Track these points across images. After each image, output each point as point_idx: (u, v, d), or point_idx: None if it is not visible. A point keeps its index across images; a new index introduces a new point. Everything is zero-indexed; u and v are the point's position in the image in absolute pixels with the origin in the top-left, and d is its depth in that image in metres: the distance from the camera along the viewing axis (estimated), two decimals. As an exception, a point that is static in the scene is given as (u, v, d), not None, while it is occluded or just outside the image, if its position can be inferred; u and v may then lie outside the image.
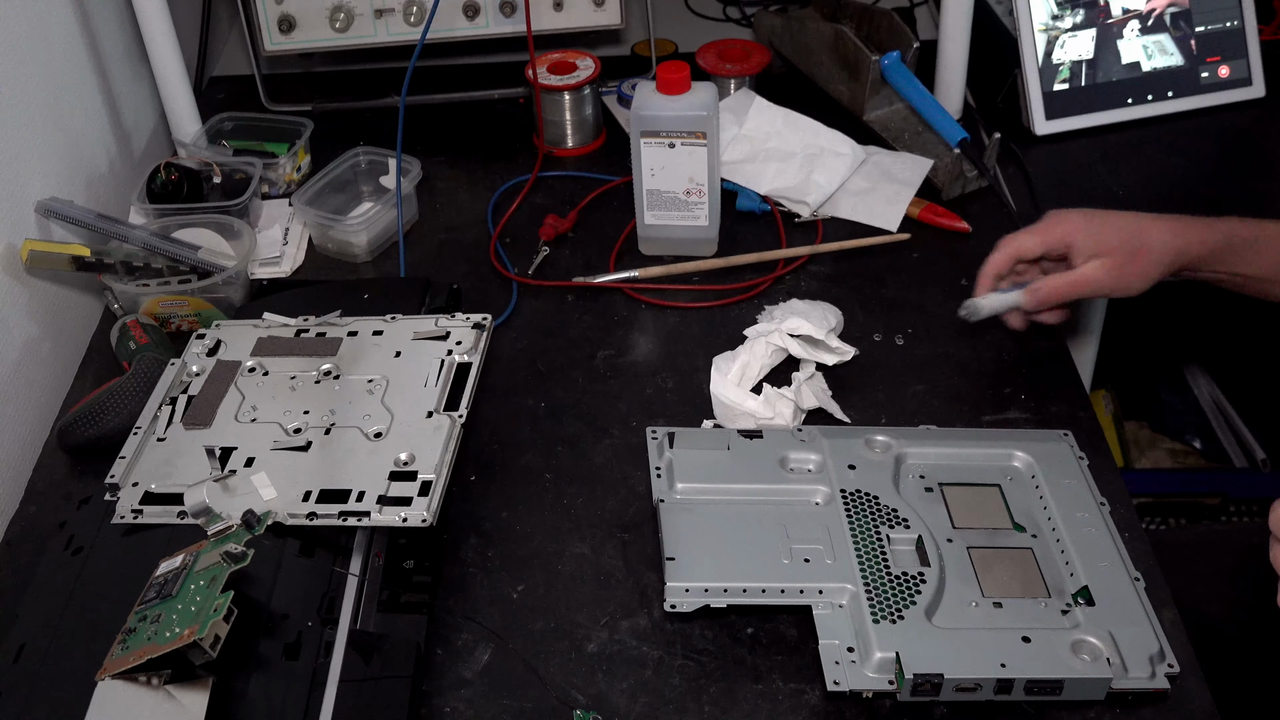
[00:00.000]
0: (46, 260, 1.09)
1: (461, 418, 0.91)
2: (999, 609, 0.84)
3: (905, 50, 1.32)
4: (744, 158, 1.30)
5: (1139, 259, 1.00)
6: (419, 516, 0.83)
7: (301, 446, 0.90)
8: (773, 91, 1.37)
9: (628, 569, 0.92)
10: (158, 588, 0.77)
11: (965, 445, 0.98)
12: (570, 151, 1.40)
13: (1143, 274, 1.01)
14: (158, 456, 0.91)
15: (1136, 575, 0.87)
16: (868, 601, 0.84)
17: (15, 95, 1.09)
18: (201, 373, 0.98)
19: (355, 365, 0.97)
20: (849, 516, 0.90)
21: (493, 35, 1.40)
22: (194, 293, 1.12)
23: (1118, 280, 1.01)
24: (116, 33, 1.34)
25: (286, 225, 1.28)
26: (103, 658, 0.74)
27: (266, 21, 1.37)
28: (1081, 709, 0.81)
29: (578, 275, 1.20)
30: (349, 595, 0.83)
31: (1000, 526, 0.91)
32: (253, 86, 1.45)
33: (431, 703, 0.83)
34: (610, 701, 0.83)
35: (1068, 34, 1.33)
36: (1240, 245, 1.02)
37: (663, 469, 0.95)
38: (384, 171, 1.28)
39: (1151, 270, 1.01)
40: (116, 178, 1.30)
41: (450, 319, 1.01)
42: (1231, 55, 1.37)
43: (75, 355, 1.16)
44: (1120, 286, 1.02)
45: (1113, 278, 1.01)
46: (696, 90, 1.14)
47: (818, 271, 1.19)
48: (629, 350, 1.13)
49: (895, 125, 1.35)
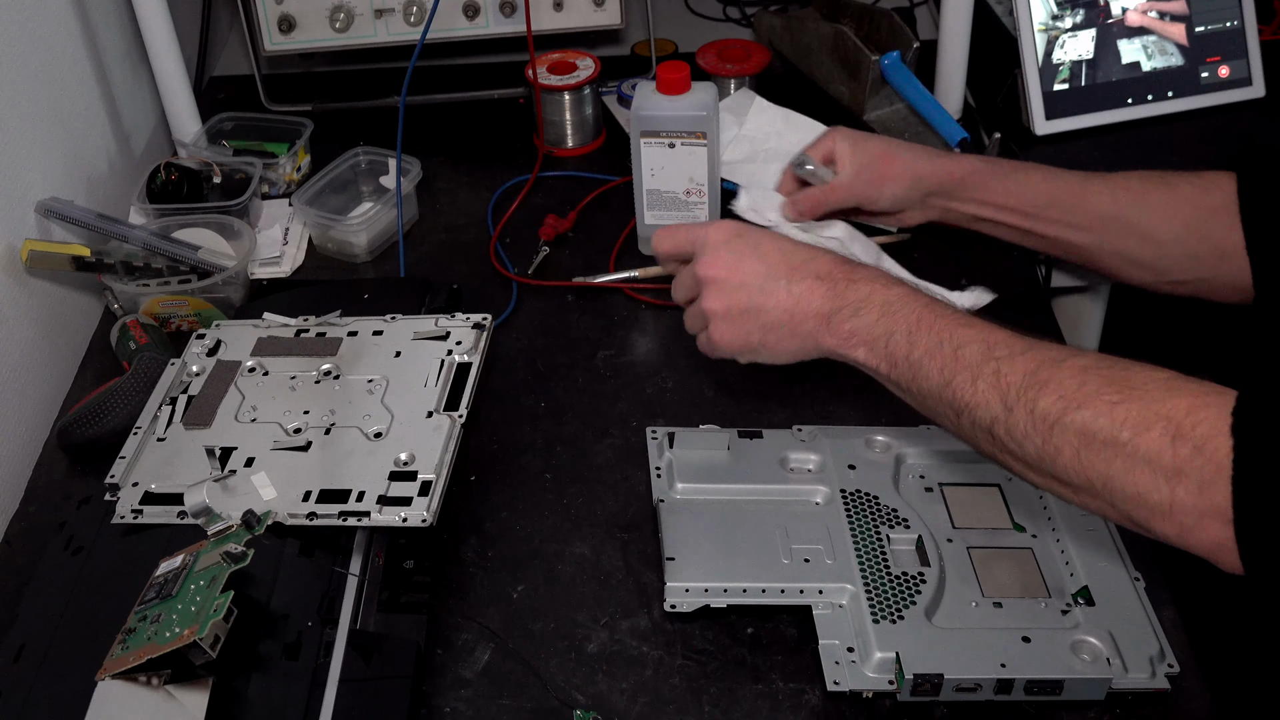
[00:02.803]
0: (46, 260, 1.09)
1: (461, 418, 0.91)
2: (999, 609, 0.84)
3: (905, 50, 1.32)
4: (744, 158, 1.30)
5: (888, 167, 1.05)
6: (419, 516, 0.83)
7: (301, 446, 0.90)
8: (773, 91, 1.37)
9: (628, 569, 0.92)
10: (158, 588, 0.77)
11: (965, 445, 0.97)
12: (570, 151, 1.40)
13: (892, 179, 1.05)
14: (158, 456, 0.91)
15: (1136, 575, 0.87)
16: (868, 601, 0.84)
17: (15, 95, 1.09)
18: (201, 373, 0.98)
19: (355, 365, 0.97)
20: (849, 516, 0.90)
21: (493, 35, 1.40)
22: (194, 293, 1.12)
23: (867, 184, 1.05)
24: (116, 33, 1.34)
25: (286, 225, 1.28)
26: (103, 658, 0.74)
27: (266, 21, 1.37)
28: (1081, 709, 0.81)
29: (578, 275, 1.20)
30: (349, 595, 0.83)
31: (1000, 526, 0.91)
32: (253, 86, 1.45)
33: (431, 703, 0.83)
34: (610, 701, 0.83)
35: (1068, 34, 1.33)
36: (998, 170, 1.06)
37: (663, 469, 0.95)
38: (384, 171, 1.28)
39: (901, 179, 1.05)
40: (116, 178, 1.30)
41: (450, 319, 1.01)
42: (1231, 55, 1.37)
43: (75, 355, 1.16)
44: (869, 192, 1.06)
45: (860, 182, 1.05)
46: (696, 90, 1.14)
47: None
48: (629, 350, 1.13)
49: (895, 125, 1.35)
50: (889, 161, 1.06)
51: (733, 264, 0.85)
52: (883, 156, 1.06)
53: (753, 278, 0.84)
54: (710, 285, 0.86)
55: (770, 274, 0.84)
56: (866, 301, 0.81)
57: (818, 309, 0.82)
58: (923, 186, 1.06)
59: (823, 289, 0.82)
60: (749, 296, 0.84)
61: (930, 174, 1.06)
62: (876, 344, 0.79)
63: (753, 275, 0.84)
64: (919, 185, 1.06)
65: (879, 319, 0.80)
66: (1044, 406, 0.70)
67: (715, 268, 0.85)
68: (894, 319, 0.79)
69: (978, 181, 1.05)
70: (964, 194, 1.06)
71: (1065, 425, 0.69)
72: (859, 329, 0.80)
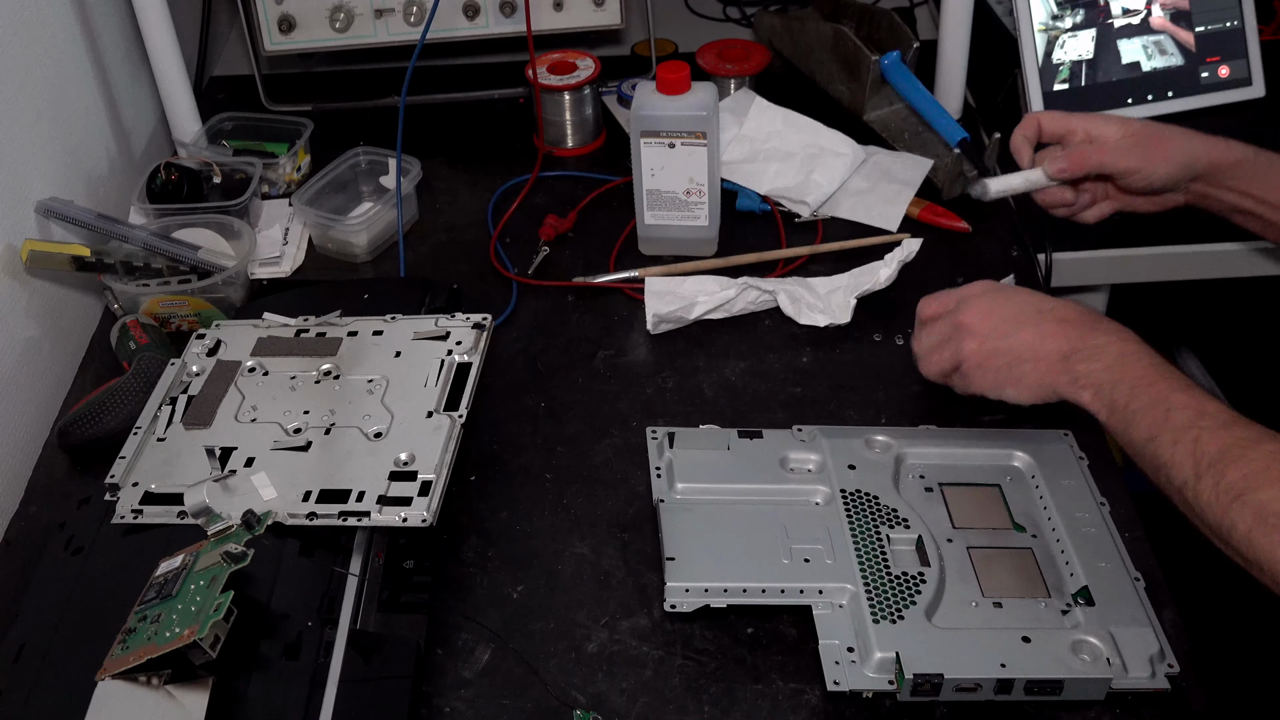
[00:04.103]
0: (46, 260, 1.09)
1: (461, 418, 0.91)
2: (999, 609, 0.84)
3: (905, 50, 1.32)
4: (744, 158, 1.30)
5: (1163, 144, 1.03)
6: (419, 516, 0.83)
7: (301, 446, 0.90)
8: (773, 91, 1.37)
9: (628, 569, 0.92)
10: (158, 588, 0.77)
11: (965, 445, 0.98)
12: (570, 151, 1.40)
13: (1166, 158, 1.03)
14: (158, 456, 0.91)
15: (1136, 575, 0.87)
16: (868, 601, 0.84)
17: (15, 95, 1.09)
18: (201, 373, 0.98)
19: (355, 365, 0.97)
20: (849, 516, 0.90)
21: (493, 35, 1.40)
22: (194, 293, 1.12)
23: (1142, 157, 1.03)
24: (116, 33, 1.34)
25: (286, 225, 1.28)
26: (103, 658, 0.74)
27: (266, 21, 1.37)
28: (1081, 709, 0.81)
29: (578, 275, 1.20)
30: (349, 595, 0.83)
31: (1000, 526, 0.91)
32: (253, 86, 1.45)
33: (431, 703, 0.83)
34: (610, 701, 0.83)
35: (1068, 34, 1.33)
36: (1266, 164, 1.04)
37: (663, 469, 0.95)
38: (384, 171, 1.28)
39: (1176, 157, 1.03)
40: (116, 178, 1.30)
41: (450, 319, 1.01)
42: (1231, 55, 1.37)
43: (75, 355, 1.16)
44: (1142, 164, 1.03)
45: (1136, 153, 1.03)
46: (696, 90, 1.14)
47: (818, 271, 1.19)
48: (629, 350, 1.13)
49: (895, 125, 1.35)
50: (1162, 139, 1.03)
51: (988, 310, 0.91)
52: (1155, 134, 1.04)
53: (1005, 322, 0.90)
54: (968, 330, 0.91)
55: (1019, 319, 0.90)
56: (1103, 350, 0.85)
57: (1058, 349, 0.87)
58: (1194, 169, 1.04)
59: (1065, 332, 0.87)
60: (1001, 338, 0.90)
61: (1204, 156, 1.03)
62: (1102, 390, 0.84)
63: (1005, 320, 0.90)
64: (1190, 167, 1.03)
65: (1110, 367, 0.84)
66: (1229, 480, 0.73)
67: (973, 315, 0.92)
68: (1123, 370, 0.83)
69: (1247, 171, 1.04)
70: (1230, 182, 1.04)
71: (1245, 502, 0.72)
72: (1091, 373, 0.85)
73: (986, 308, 0.92)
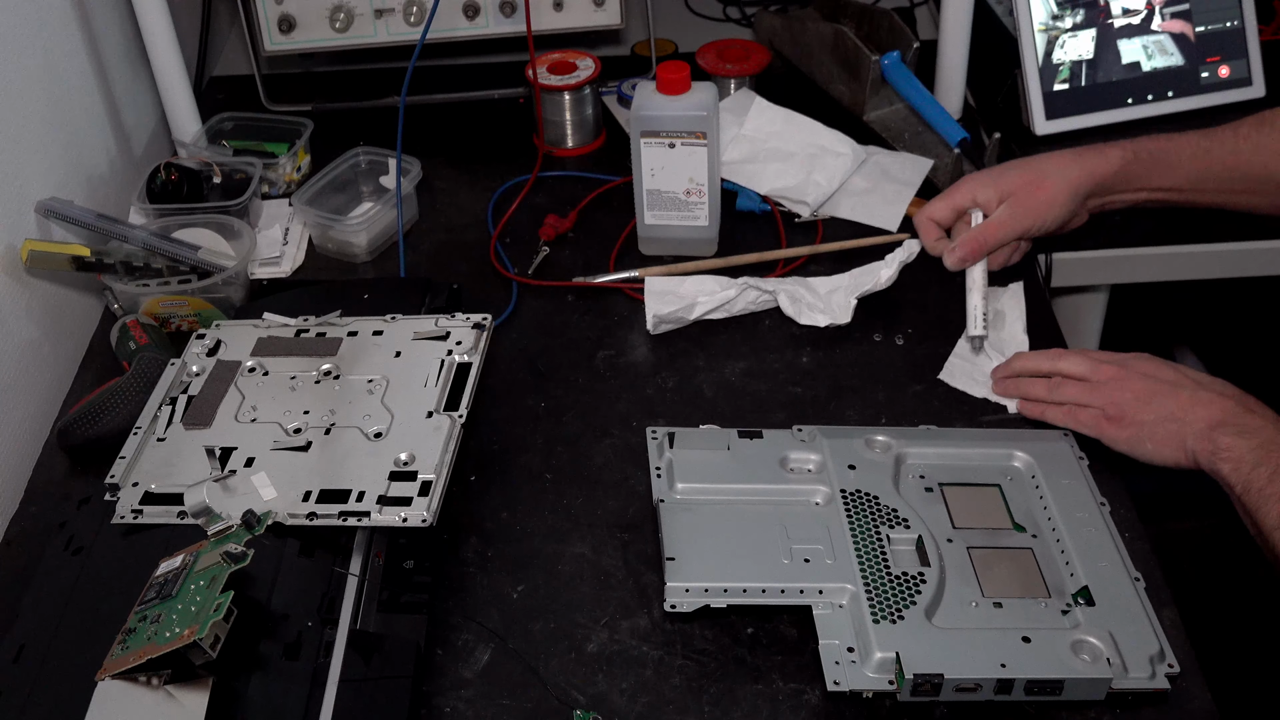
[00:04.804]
0: (46, 260, 1.09)
1: (461, 418, 0.91)
2: (999, 609, 0.84)
3: (905, 50, 1.32)
4: (744, 158, 1.30)
5: (1041, 191, 1.05)
6: (419, 516, 0.83)
7: (301, 446, 0.90)
8: (773, 91, 1.37)
9: (628, 569, 0.92)
10: (158, 588, 0.77)
11: (965, 445, 0.98)
12: (570, 151, 1.40)
13: (1050, 203, 1.04)
14: (158, 456, 0.91)
15: (1136, 575, 0.87)
16: (868, 601, 0.84)
17: (15, 95, 1.09)
18: (201, 373, 0.98)
19: (355, 365, 0.97)
20: (849, 516, 0.90)
21: (493, 35, 1.40)
22: (194, 293, 1.12)
23: (1026, 215, 1.05)
24: (116, 33, 1.34)
25: (286, 225, 1.28)
26: (103, 658, 0.74)
27: (266, 21, 1.37)
28: (1081, 709, 0.81)
29: (578, 275, 1.20)
30: (349, 595, 0.83)
31: (1000, 526, 0.91)
32: (253, 86, 1.45)
33: (431, 703, 0.83)
34: (610, 701, 0.83)
35: (1068, 34, 1.33)
36: (1148, 159, 1.06)
37: (663, 469, 0.95)
38: (384, 171, 1.28)
39: (1059, 198, 1.04)
40: (116, 178, 1.30)
41: (450, 319, 1.01)
42: (1231, 55, 1.37)
43: (75, 355, 1.16)
44: (1031, 222, 1.05)
45: (1020, 214, 1.05)
46: (696, 90, 1.14)
47: (818, 271, 1.19)
48: (629, 350, 1.13)
49: (895, 125, 1.35)
50: (1039, 184, 1.05)
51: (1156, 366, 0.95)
52: (1032, 181, 1.05)
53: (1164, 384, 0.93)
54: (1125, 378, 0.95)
55: (1179, 381, 0.93)
56: (1255, 431, 0.87)
57: (1209, 417, 0.89)
58: (1080, 195, 1.05)
59: (1221, 404, 0.90)
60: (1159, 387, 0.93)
61: (1085, 180, 1.05)
62: (1242, 466, 0.86)
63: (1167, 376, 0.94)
64: (1076, 196, 1.05)
65: (1257, 448, 0.86)
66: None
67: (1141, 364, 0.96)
68: (1268, 454, 0.85)
69: (1131, 173, 1.06)
70: (1119, 188, 1.06)
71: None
72: (1235, 448, 0.86)
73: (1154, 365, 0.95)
